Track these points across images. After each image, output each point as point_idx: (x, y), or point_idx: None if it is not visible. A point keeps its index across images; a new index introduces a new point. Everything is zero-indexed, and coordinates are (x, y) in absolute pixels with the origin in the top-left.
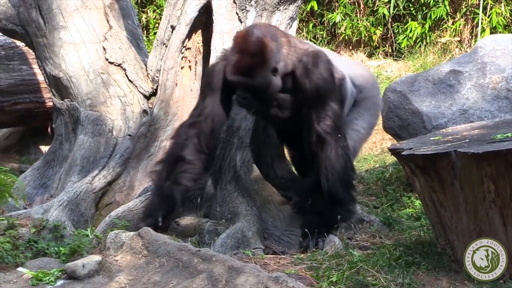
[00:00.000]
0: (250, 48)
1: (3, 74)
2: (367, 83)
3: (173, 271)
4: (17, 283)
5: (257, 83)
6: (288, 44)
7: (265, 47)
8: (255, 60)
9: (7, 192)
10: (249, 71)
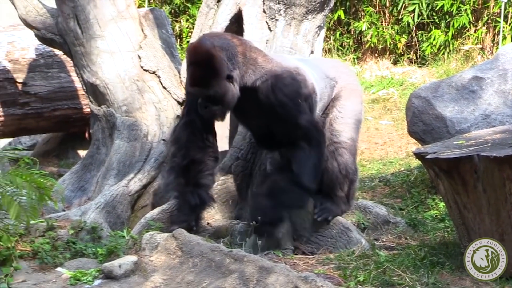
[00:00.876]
0: (199, 60)
1: (42, 81)
2: (341, 73)
3: (206, 271)
4: (56, 282)
5: (213, 92)
6: (244, 53)
7: (213, 57)
8: (206, 71)
9: (47, 195)
10: (203, 82)
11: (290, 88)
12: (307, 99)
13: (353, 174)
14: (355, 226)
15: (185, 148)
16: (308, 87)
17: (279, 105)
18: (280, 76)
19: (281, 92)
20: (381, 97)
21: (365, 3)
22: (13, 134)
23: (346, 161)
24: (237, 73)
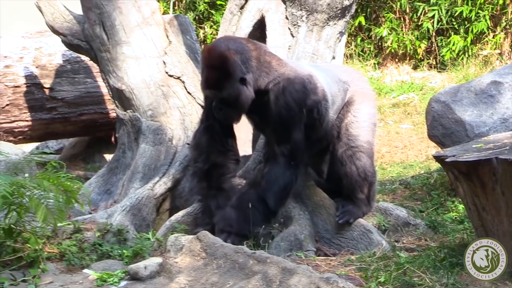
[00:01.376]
0: (213, 62)
1: (69, 87)
2: (353, 77)
3: (230, 272)
4: (83, 284)
5: (227, 95)
6: (258, 57)
7: (227, 60)
8: (220, 73)
9: (74, 198)
10: (217, 84)
11: (299, 95)
12: (313, 108)
13: (372, 177)
14: (376, 228)
15: (206, 153)
16: (317, 94)
17: (285, 107)
18: (292, 81)
19: (290, 96)
20: (401, 102)
21: (385, 10)
22: (41, 138)
23: (364, 164)
24: (251, 76)
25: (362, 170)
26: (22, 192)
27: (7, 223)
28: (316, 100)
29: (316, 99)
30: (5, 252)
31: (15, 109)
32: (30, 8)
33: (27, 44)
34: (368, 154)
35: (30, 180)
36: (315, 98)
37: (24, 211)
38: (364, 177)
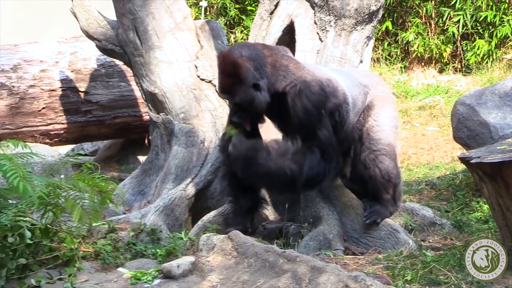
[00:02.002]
0: (226, 69)
1: (104, 90)
2: (373, 81)
3: (260, 271)
4: (118, 282)
5: (240, 100)
6: (273, 63)
7: (239, 67)
8: (233, 79)
9: (108, 198)
10: (230, 90)
11: (316, 97)
12: (334, 111)
13: (396, 178)
14: (402, 228)
15: None
16: (338, 97)
17: (302, 110)
18: (309, 83)
19: (307, 99)
20: (427, 104)
21: (412, 15)
22: (76, 140)
23: (387, 166)
24: (265, 82)
25: (386, 172)
26: (58, 193)
27: (44, 223)
28: (337, 103)
29: (337, 102)
30: (41, 251)
31: (51, 112)
32: (65, 14)
33: (62, 49)
34: (391, 156)
35: (65, 181)
36: (335, 101)
37: (60, 212)
38: (388, 179)
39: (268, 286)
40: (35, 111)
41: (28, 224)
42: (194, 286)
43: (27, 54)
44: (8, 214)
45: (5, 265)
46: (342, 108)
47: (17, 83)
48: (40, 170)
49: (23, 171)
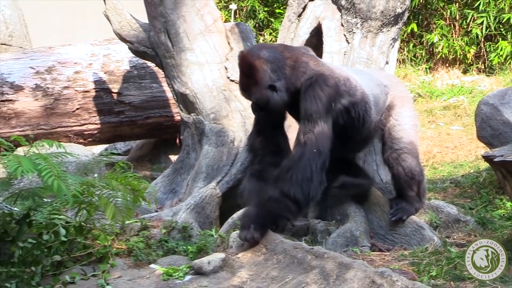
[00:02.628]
0: (244, 69)
1: (136, 91)
2: (392, 82)
3: (289, 267)
4: (150, 278)
5: (256, 100)
6: (293, 65)
7: (256, 69)
8: (249, 80)
9: (141, 196)
10: (247, 89)
11: (330, 90)
12: (350, 108)
13: (419, 175)
14: (428, 225)
15: (260, 155)
16: (355, 96)
17: (313, 97)
18: (326, 76)
19: (320, 88)
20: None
21: (436, 17)
22: (109, 140)
23: (410, 164)
24: (283, 83)
25: (409, 170)
26: (91, 191)
27: (78, 221)
28: (353, 101)
29: (353, 100)
30: (76, 248)
31: (85, 113)
32: (99, 17)
33: (96, 51)
34: (413, 154)
35: (99, 180)
36: (351, 99)
37: (93, 210)
38: (412, 177)
39: (297, 282)
40: (69, 111)
41: (62, 222)
42: (224, 282)
43: (61, 56)
44: (43, 212)
45: (40, 262)
46: (358, 106)
47: (51, 84)
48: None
49: (57, 170)
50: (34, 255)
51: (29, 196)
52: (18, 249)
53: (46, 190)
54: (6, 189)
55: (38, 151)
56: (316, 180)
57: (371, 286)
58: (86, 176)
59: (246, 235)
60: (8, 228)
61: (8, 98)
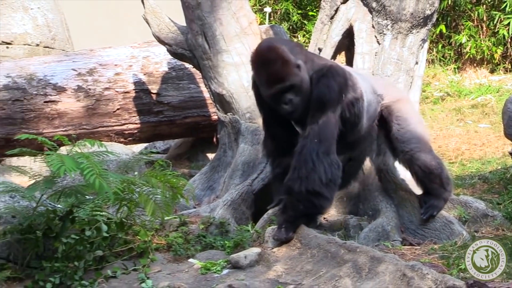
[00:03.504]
0: (267, 58)
1: (174, 92)
2: (387, 90)
3: (323, 261)
4: (189, 272)
5: (293, 81)
6: (302, 54)
7: (278, 49)
8: (277, 64)
9: (179, 193)
10: (280, 75)
11: (341, 79)
12: (354, 103)
13: (437, 168)
14: (457, 220)
15: (278, 158)
16: (356, 91)
17: (326, 85)
18: (335, 68)
19: (332, 78)
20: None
21: (464, 18)
22: (149, 139)
23: (424, 161)
24: (302, 64)
25: (424, 167)
26: (132, 188)
27: (119, 217)
28: (356, 97)
29: (356, 95)
30: (117, 243)
31: (125, 113)
32: (138, 20)
33: (135, 53)
34: (424, 150)
35: (139, 178)
36: (354, 94)
37: (134, 206)
38: (430, 172)
39: (330, 275)
40: (110, 112)
41: (104, 218)
42: (260, 275)
43: (102, 58)
44: (86, 209)
45: (83, 257)
46: (358, 103)
47: (93, 85)
48: (115, 168)
49: (99, 169)
50: (77, 251)
51: (72, 194)
52: (61, 244)
53: (88, 188)
54: (50, 187)
55: (80, 150)
56: (320, 166)
57: (402, 279)
58: (127, 174)
59: (280, 235)
60: (52, 225)
61: (52, 99)
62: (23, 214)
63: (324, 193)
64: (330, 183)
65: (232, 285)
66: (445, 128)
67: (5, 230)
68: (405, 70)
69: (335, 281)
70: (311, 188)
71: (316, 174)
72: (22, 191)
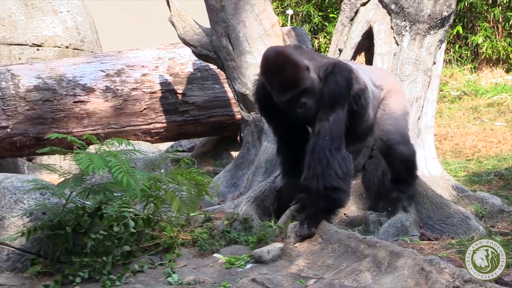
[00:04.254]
0: (276, 64)
1: (199, 92)
2: (387, 79)
3: (343, 256)
4: (213, 266)
5: (306, 84)
6: (306, 54)
7: (286, 53)
8: (287, 70)
9: (204, 190)
10: (293, 80)
11: (347, 74)
12: (360, 95)
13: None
14: (473, 215)
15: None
16: (360, 83)
17: (335, 82)
18: (340, 64)
19: (339, 74)
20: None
21: (480, 19)
22: (175, 138)
23: (401, 152)
24: (310, 64)
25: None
26: (158, 185)
27: (146, 213)
28: (360, 88)
29: (360, 87)
30: (144, 239)
31: (152, 113)
32: (164, 22)
33: (161, 55)
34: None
35: (165, 175)
36: (358, 86)
37: (160, 203)
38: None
39: (351, 269)
40: (137, 111)
41: (131, 215)
42: (283, 269)
43: (129, 60)
44: (114, 206)
45: (111, 252)
46: (364, 94)
47: (121, 86)
48: (142, 165)
49: (127, 167)
50: (105, 246)
51: (100, 191)
52: (90, 240)
53: (116, 185)
54: (79, 185)
55: (108, 148)
56: (335, 162)
57: (420, 273)
58: (153, 172)
59: (302, 231)
60: (81, 221)
61: (81, 99)
62: (53, 210)
63: (342, 187)
64: (346, 176)
65: (255, 279)
66: (462, 126)
67: (36, 226)
68: (423, 70)
69: (355, 275)
70: (328, 184)
71: (331, 170)
72: (52, 189)
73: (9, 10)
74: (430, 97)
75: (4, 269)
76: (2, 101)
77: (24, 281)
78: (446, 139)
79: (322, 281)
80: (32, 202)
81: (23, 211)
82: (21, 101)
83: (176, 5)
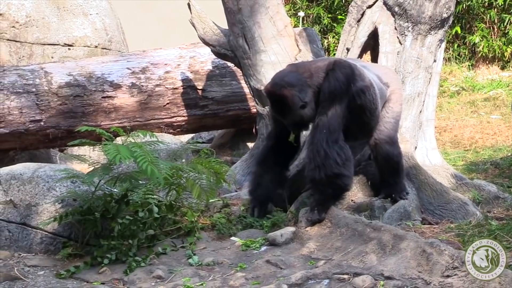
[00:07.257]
0: (275, 101)
1: (218, 88)
2: (392, 78)
3: (351, 239)
4: (231, 249)
5: (291, 121)
6: (309, 71)
7: (287, 98)
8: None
9: (222, 178)
10: (281, 114)
11: (348, 71)
12: (364, 91)
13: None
14: (471, 201)
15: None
16: (365, 80)
17: (335, 78)
18: (341, 61)
19: (340, 71)
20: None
21: (477, 20)
22: (195, 130)
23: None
24: (309, 94)
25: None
26: (180, 174)
27: (168, 200)
28: (365, 85)
29: (364, 84)
30: (166, 223)
31: (174, 107)
32: (185, 24)
33: (183, 54)
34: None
35: (186, 165)
36: (363, 83)
37: (182, 190)
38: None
39: (357, 251)
40: (160, 106)
41: (155, 201)
42: (295, 251)
43: (153, 58)
44: (139, 193)
45: (136, 235)
46: (370, 90)
47: (145, 82)
48: (165, 156)
49: (151, 157)
50: (131, 230)
51: (126, 179)
52: (117, 224)
53: (141, 174)
54: (107, 173)
55: (134, 140)
56: (332, 152)
57: (422, 255)
58: (175, 162)
59: (313, 216)
60: (108, 207)
61: (108, 94)
62: (83, 197)
63: (343, 173)
64: (346, 161)
65: (269, 260)
66: (461, 119)
67: (67, 212)
68: (424, 67)
69: (362, 256)
70: (330, 173)
71: (330, 160)
72: (82, 177)
73: (42, 13)
74: (431, 92)
75: (38, 251)
76: (36, 97)
77: (56, 263)
78: (446, 131)
79: (331, 262)
80: (64, 190)
81: (56, 198)
82: (54, 97)
83: (197, 8)
